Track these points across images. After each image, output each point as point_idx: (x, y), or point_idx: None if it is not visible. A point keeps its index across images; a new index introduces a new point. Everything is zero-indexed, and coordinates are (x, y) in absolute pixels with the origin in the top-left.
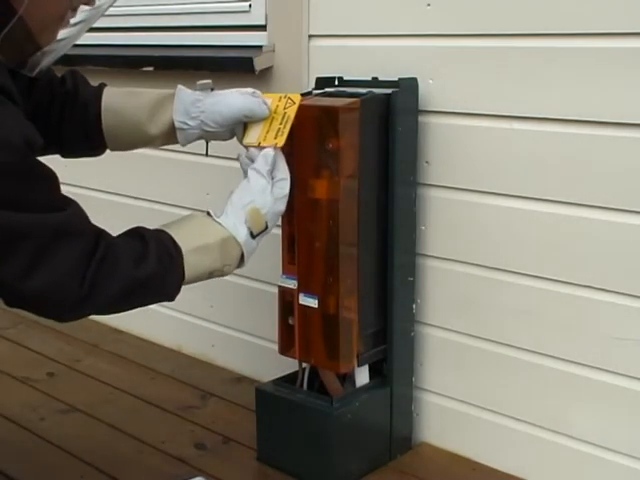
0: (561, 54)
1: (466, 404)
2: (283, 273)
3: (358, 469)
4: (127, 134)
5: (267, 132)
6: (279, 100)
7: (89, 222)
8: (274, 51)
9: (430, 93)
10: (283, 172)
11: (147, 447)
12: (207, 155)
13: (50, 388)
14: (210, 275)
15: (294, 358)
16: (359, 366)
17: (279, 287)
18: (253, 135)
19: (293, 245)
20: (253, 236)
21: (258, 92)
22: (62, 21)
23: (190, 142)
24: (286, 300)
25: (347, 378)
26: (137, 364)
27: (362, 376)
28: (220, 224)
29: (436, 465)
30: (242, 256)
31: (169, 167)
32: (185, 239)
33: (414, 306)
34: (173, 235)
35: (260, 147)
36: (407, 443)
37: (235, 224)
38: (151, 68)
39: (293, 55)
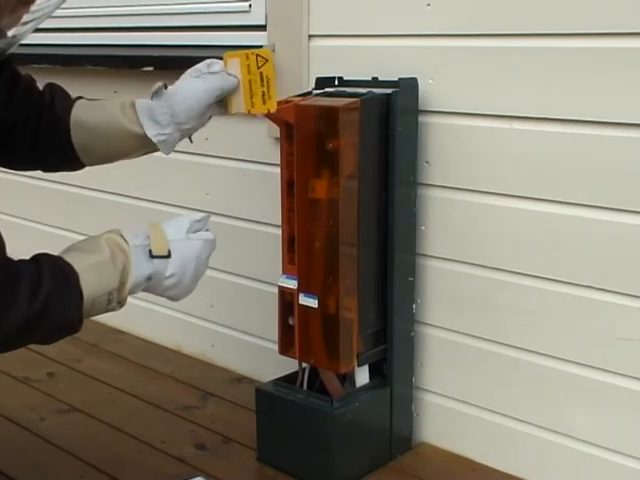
0: (561, 54)
1: (466, 404)
2: (283, 273)
3: (358, 469)
4: (98, 147)
5: (251, 97)
6: (247, 58)
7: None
8: (274, 51)
9: (430, 93)
10: (210, 234)
11: (147, 447)
12: (191, 142)
13: (50, 388)
14: (109, 298)
15: (294, 358)
16: (359, 366)
17: (279, 287)
18: (238, 104)
19: (293, 245)
20: (151, 255)
21: (214, 60)
22: (25, 6)
23: (173, 149)
24: (286, 300)
25: (347, 378)
26: (137, 364)
27: (362, 376)
28: (114, 235)
29: (436, 465)
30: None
31: (169, 167)
32: (79, 258)
33: (414, 306)
34: (64, 256)
35: (251, 114)
36: (407, 443)
37: (132, 236)
38: (151, 68)
39: (293, 55)
